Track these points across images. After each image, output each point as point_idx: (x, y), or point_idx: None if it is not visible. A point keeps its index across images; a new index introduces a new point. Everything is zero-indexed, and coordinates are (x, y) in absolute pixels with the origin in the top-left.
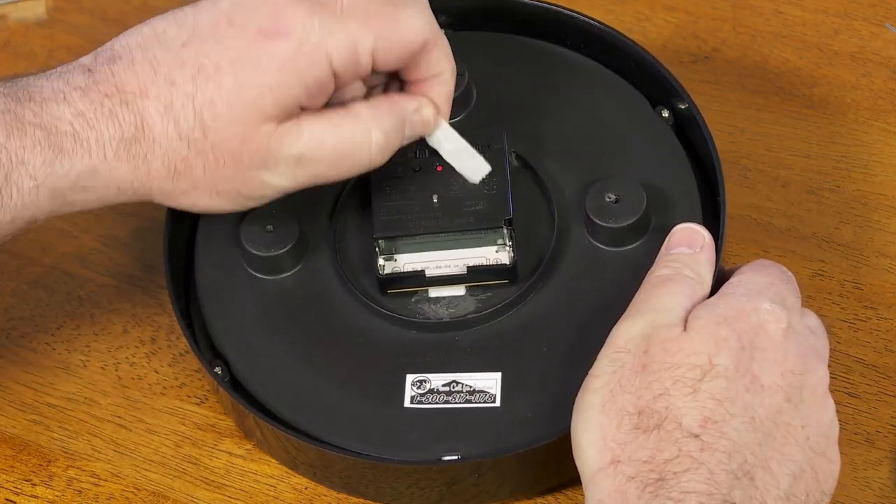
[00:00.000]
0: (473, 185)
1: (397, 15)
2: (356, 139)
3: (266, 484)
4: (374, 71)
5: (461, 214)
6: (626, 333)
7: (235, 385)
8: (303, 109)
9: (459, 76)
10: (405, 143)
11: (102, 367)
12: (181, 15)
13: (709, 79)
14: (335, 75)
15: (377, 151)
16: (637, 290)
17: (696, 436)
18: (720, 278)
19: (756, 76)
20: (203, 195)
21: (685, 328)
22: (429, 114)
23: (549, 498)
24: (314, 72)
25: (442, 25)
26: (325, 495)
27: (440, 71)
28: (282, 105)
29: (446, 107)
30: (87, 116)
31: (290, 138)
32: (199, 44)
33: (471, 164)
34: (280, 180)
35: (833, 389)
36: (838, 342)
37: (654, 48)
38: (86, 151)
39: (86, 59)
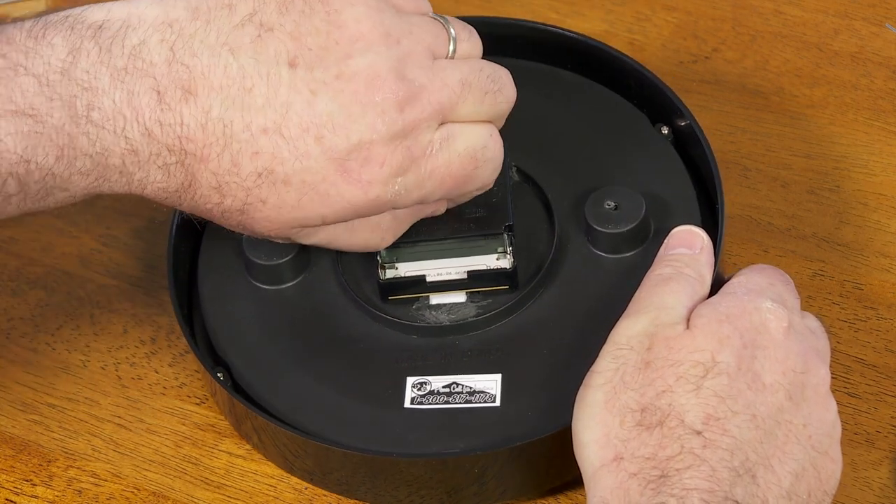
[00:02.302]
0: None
1: (473, 175)
2: (370, 243)
3: (266, 484)
4: None
5: (462, 221)
6: (628, 331)
7: (237, 391)
8: None
9: None
10: None
11: (102, 367)
12: (276, 80)
13: (709, 79)
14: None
15: (387, 243)
16: None
17: (699, 433)
18: (717, 284)
19: (756, 76)
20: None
21: (688, 326)
22: (441, 211)
23: (550, 499)
24: (374, 213)
25: None
26: (324, 496)
27: (481, 189)
28: (327, 224)
29: (454, 203)
30: (139, 155)
31: (309, 235)
32: (279, 142)
33: None
34: (282, 242)
35: (833, 389)
36: (838, 342)
37: (654, 48)
38: (126, 183)
39: (158, 61)
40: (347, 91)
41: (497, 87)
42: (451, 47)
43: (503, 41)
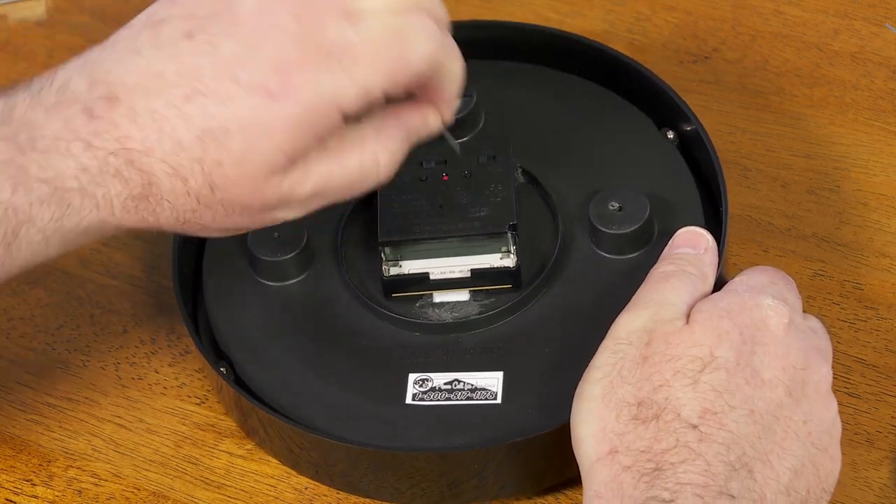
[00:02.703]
0: (479, 192)
1: (404, 46)
2: (364, 167)
3: (266, 484)
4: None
5: (466, 220)
6: (627, 326)
7: (239, 385)
8: None
9: (467, 98)
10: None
11: (102, 367)
12: (179, 54)
13: (709, 79)
14: (345, 117)
15: (385, 172)
16: None
17: (695, 426)
18: (720, 287)
19: (756, 76)
20: (212, 233)
21: (687, 322)
22: (434, 122)
23: (550, 498)
24: (325, 124)
25: None
26: (325, 495)
27: (449, 77)
28: (293, 158)
29: (452, 107)
30: (92, 172)
31: (301, 179)
32: (203, 101)
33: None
34: (291, 214)
35: (833, 389)
36: (838, 342)
37: (654, 48)
38: (94, 206)
39: (81, 89)
40: (244, 28)
41: None
42: None
43: (510, 44)
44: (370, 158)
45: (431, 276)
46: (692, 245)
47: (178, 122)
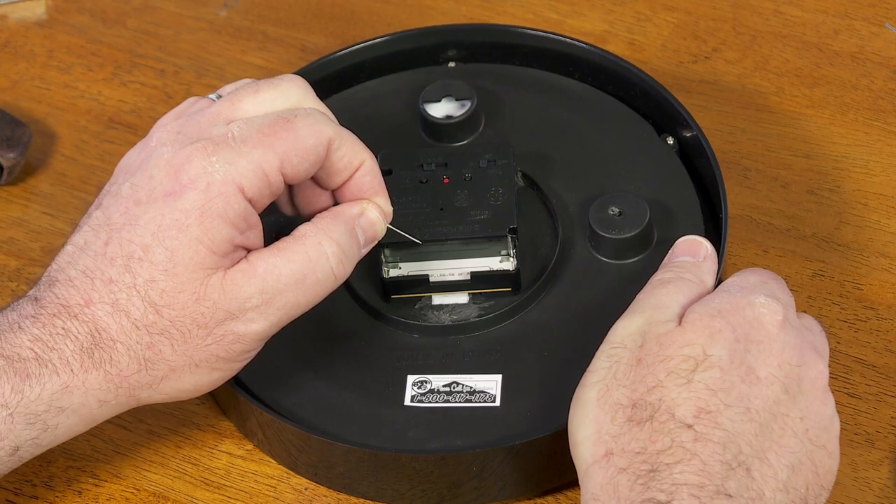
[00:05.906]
0: (479, 195)
1: (292, 126)
2: (310, 255)
3: (266, 484)
4: (289, 185)
5: (466, 223)
6: (623, 330)
7: (238, 386)
8: (249, 251)
9: (467, 101)
10: (366, 249)
11: None
12: (92, 220)
13: (709, 79)
14: (252, 202)
15: (337, 262)
16: None
17: (690, 426)
18: None
19: (756, 76)
20: (183, 373)
21: (680, 323)
22: (374, 214)
23: (549, 499)
24: (232, 206)
25: (451, 59)
26: (324, 496)
27: (360, 161)
28: (218, 250)
29: (385, 201)
30: (43, 339)
31: (244, 277)
32: (118, 236)
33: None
34: (252, 326)
35: (833, 390)
36: (838, 342)
37: (654, 48)
38: (52, 372)
39: (32, 291)
40: (142, 167)
41: (272, 83)
42: (215, 97)
43: (511, 49)
44: (315, 248)
45: (431, 279)
46: (691, 254)
47: (105, 264)
